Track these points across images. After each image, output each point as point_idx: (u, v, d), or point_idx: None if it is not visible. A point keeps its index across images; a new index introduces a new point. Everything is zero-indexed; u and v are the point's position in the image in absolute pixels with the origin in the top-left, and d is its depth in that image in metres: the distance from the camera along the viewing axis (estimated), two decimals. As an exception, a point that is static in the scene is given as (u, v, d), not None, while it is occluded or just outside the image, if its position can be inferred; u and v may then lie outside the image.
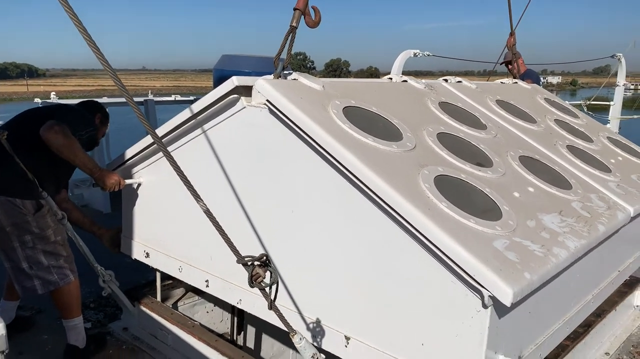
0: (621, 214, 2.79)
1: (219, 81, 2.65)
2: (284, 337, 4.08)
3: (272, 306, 1.84)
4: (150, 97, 8.16)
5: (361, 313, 2.22)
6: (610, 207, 2.79)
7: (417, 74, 3.74)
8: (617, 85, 10.62)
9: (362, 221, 2.15)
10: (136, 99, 8.25)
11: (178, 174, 1.82)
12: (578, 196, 2.72)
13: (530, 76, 6.23)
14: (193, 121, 2.76)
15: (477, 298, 1.83)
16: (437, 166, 2.31)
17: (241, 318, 4.28)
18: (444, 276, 1.90)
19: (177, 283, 3.82)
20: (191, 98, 8.57)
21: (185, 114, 2.78)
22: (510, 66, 6.63)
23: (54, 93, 8.70)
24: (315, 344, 2.35)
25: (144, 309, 3.39)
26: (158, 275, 3.53)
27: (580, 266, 2.54)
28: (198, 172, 2.87)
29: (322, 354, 1.92)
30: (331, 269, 2.30)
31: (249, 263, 1.80)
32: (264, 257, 1.81)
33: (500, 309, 1.86)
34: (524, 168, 2.72)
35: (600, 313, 3.45)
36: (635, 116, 12.36)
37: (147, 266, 3.54)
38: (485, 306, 1.82)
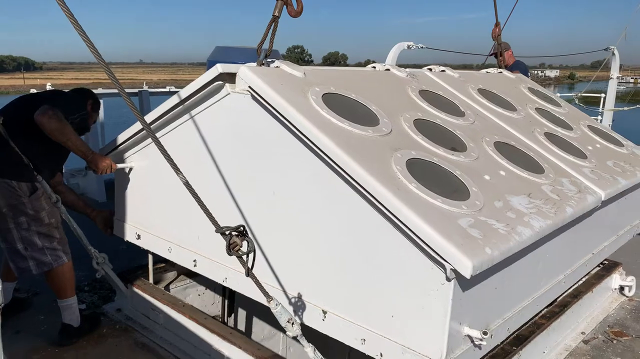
0: (591, 197, 2.91)
1: None
2: (275, 320, 4.23)
3: (249, 273, 1.98)
4: (145, 88, 8.25)
5: (337, 288, 2.34)
6: (581, 191, 2.90)
7: (415, 67, 3.84)
8: (611, 77, 10.73)
9: (338, 202, 2.28)
10: (131, 91, 8.36)
11: (160, 151, 1.94)
12: (549, 179, 2.83)
13: (518, 67, 6.32)
14: (180, 107, 2.87)
15: (441, 271, 1.95)
16: (411, 149, 2.43)
17: (232, 300, 4.41)
18: (412, 252, 2.03)
19: (169, 266, 3.94)
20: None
21: (172, 100, 2.89)
22: (499, 57, 6.73)
23: (49, 84, 8.79)
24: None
25: (136, 290, 3.51)
26: (150, 258, 3.65)
27: (550, 247, 2.67)
28: (185, 155, 2.99)
29: (297, 318, 2.06)
30: (309, 247, 2.43)
31: (227, 232, 1.94)
32: (241, 227, 1.95)
33: (463, 282, 1.99)
34: (497, 153, 2.84)
35: (577, 294, 3.59)
36: (626, 108, 12.49)
37: (138, 253, 3.68)
38: (448, 279, 1.94)
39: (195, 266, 3.01)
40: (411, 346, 2.09)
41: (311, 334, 2.29)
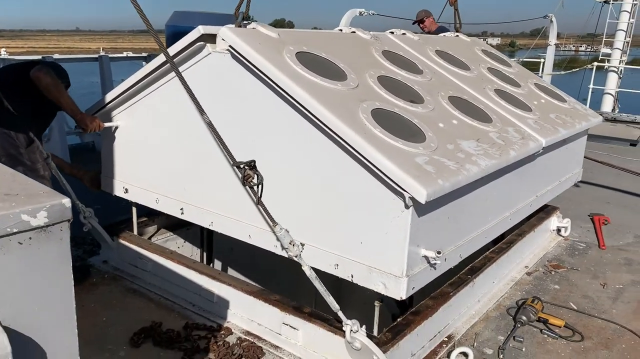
0: (533, 143, 3.33)
1: (172, 37, 3.00)
2: (247, 268, 4.54)
3: (259, 201, 2.31)
4: (103, 53, 8.26)
5: (313, 223, 2.68)
6: (524, 138, 3.32)
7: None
8: (549, 44, 11.35)
9: (311, 146, 2.60)
10: (91, 56, 8.34)
11: (187, 91, 2.39)
12: (496, 128, 3.23)
13: (441, 32, 6.67)
14: (164, 67, 3.09)
15: (401, 200, 2.32)
16: (375, 101, 2.76)
17: (210, 252, 4.69)
18: (376, 186, 2.38)
19: (150, 221, 4.18)
20: (144, 55, 8.71)
21: (156, 61, 3.11)
22: (422, 25, 7.12)
23: (4, 50, 8.66)
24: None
25: (122, 242, 3.73)
26: (134, 211, 3.88)
27: (496, 185, 3.07)
28: (171, 113, 3.24)
29: (298, 241, 2.40)
30: (287, 187, 2.74)
31: (242, 166, 2.27)
32: (252, 162, 2.27)
33: (420, 209, 2.36)
34: (451, 105, 3.21)
35: (521, 234, 4.06)
36: (562, 72, 13.30)
37: (113, 212, 3.90)
38: (407, 207, 2.31)
39: (182, 213, 3.28)
40: (377, 266, 2.47)
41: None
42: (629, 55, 14.16)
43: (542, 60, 12.05)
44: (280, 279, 4.34)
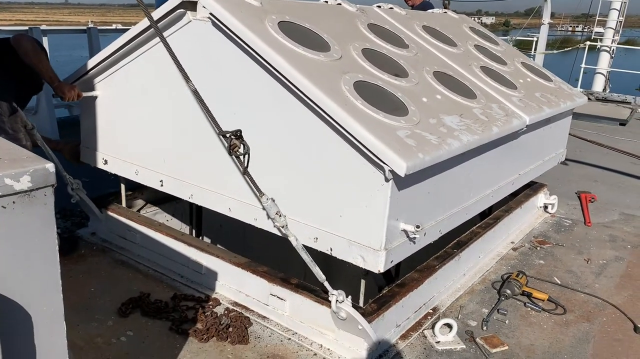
0: (517, 121, 3.35)
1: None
2: (232, 241, 4.57)
3: (245, 171, 2.32)
4: (91, 25, 8.16)
5: (293, 196, 2.69)
6: (508, 115, 3.34)
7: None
8: (542, 23, 11.32)
9: (292, 118, 2.59)
10: (80, 28, 8.25)
11: (172, 59, 2.37)
12: (480, 104, 3.24)
13: (425, 7, 6.61)
14: (144, 34, 3.06)
15: (381, 173, 2.33)
16: (358, 73, 2.76)
17: (199, 229, 4.72)
18: (356, 159, 2.39)
19: (138, 194, 4.19)
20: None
21: (137, 28, 3.07)
22: None
23: None
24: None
25: (111, 214, 3.73)
26: (122, 185, 3.89)
27: (478, 162, 3.10)
28: (151, 82, 3.21)
29: (283, 214, 2.42)
30: (267, 159, 2.73)
31: (227, 135, 2.27)
32: (239, 132, 2.27)
33: (400, 183, 2.37)
34: (436, 81, 3.21)
35: (508, 210, 4.11)
36: (555, 51, 13.30)
37: (107, 184, 3.90)
38: (386, 180, 2.32)
39: (162, 186, 3.28)
40: (356, 240, 2.49)
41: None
42: (622, 36, 14.14)
43: (535, 39, 12.03)
44: (270, 254, 4.38)
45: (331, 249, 2.59)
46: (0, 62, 3.29)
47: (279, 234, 2.66)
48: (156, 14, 2.91)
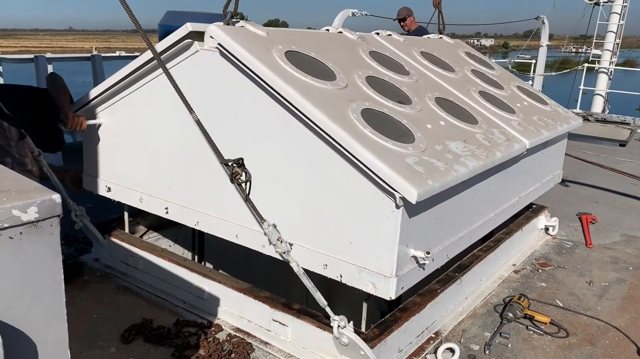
0: (517, 145, 3.39)
1: (165, 36, 3.02)
2: (236, 268, 4.56)
3: (247, 199, 2.34)
4: (96, 52, 8.28)
5: (301, 223, 2.70)
6: (509, 139, 3.37)
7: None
8: (541, 45, 11.48)
9: (301, 146, 2.62)
10: (84, 55, 8.37)
11: (175, 89, 2.40)
12: (482, 129, 3.28)
13: (419, 33, 6.79)
14: (150, 64, 3.10)
15: (391, 200, 2.35)
16: (364, 101, 2.80)
17: (201, 254, 4.71)
18: (366, 186, 2.41)
19: (141, 219, 4.20)
20: (136, 54, 8.74)
21: (142, 58, 3.11)
22: (402, 23, 7.23)
23: None
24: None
25: (114, 240, 3.73)
26: (125, 209, 3.90)
27: (482, 186, 3.13)
28: (156, 111, 3.25)
29: (285, 239, 2.43)
30: (277, 187, 2.76)
31: (230, 163, 2.29)
32: (241, 160, 2.29)
33: (410, 210, 2.40)
34: (438, 107, 3.26)
35: (509, 232, 4.12)
36: (553, 73, 13.46)
37: (110, 210, 3.91)
38: (397, 207, 2.34)
39: (167, 213, 3.29)
40: (367, 266, 2.50)
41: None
42: (620, 57, 14.32)
43: (534, 61, 12.19)
44: (272, 278, 4.37)
45: (341, 276, 2.59)
46: (33, 105, 3.37)
47: (282, 259, 2.66)
48: (163, 43, 2.95)
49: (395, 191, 2.30)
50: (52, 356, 1.39)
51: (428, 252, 2.54)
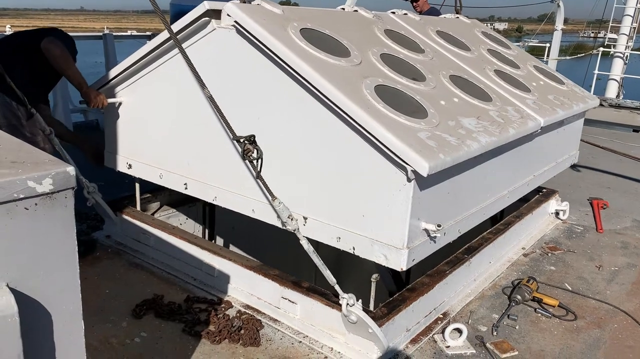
0: (532, 122, 3.35)
1: (176, 16, 3.00)
2: (245, 243, 4.59)
3: (258, 175, 2.34)
4: (107, 31, 8.26)
5: (315, 197, 2.72)
6: (523, 117, 3.34)
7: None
8: (556, 29, 11.26)
9: (315, 121, 2.62)
10: (95, 34, 8.34)
11: (189, 66, 2.39)
12: (496, 107, 3.25)
13: (431, 14, 6.72)
14: (168, 43, 3.10)
15: (403, 174, 2.36)
16: (378, 78, 2.78)
17: (212, 229, 4.74)
18: (379, 159, 2.41)
19: (153, 197, 4.22)
20: (148, 34, 8.70)
21: (159, 38, 3.12)
22: (415, 3, 7.16)
23: (9, 26, 8.71)
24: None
25: (125, 217, 3.76)
26: (137, 187, 3.91)
27: (495, 163, 3.11)
28: (175, 89, 3.25)
29: (298, 215, 2.44)
30: (291, 162, 2.77)
31: (242, 140, 2.29)
32: (252, 137, 2.29)
33: (421, 183, 2.40)
34: (452, 84, 3.23)
35: (519, 215, 4.10)
36: (568, 57, 13.26)
37: (121, 188, 3.93)
38: (409, 180, 2.35)
39: (186, 189, 3.32)
40: (379, 239, 2.51)
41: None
42: (636, 42, 14.07)
43: (548, 45, 12.00)
44: (281, 256, 4.39)
45: (354, 248, 2.61)
46: (18, 60, 3.30)
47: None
48: (181, 22, 2.95)
49: (407, 164, 2.30)
50: (67, 326, 1.41)
51: (439, 225, 2.55)
